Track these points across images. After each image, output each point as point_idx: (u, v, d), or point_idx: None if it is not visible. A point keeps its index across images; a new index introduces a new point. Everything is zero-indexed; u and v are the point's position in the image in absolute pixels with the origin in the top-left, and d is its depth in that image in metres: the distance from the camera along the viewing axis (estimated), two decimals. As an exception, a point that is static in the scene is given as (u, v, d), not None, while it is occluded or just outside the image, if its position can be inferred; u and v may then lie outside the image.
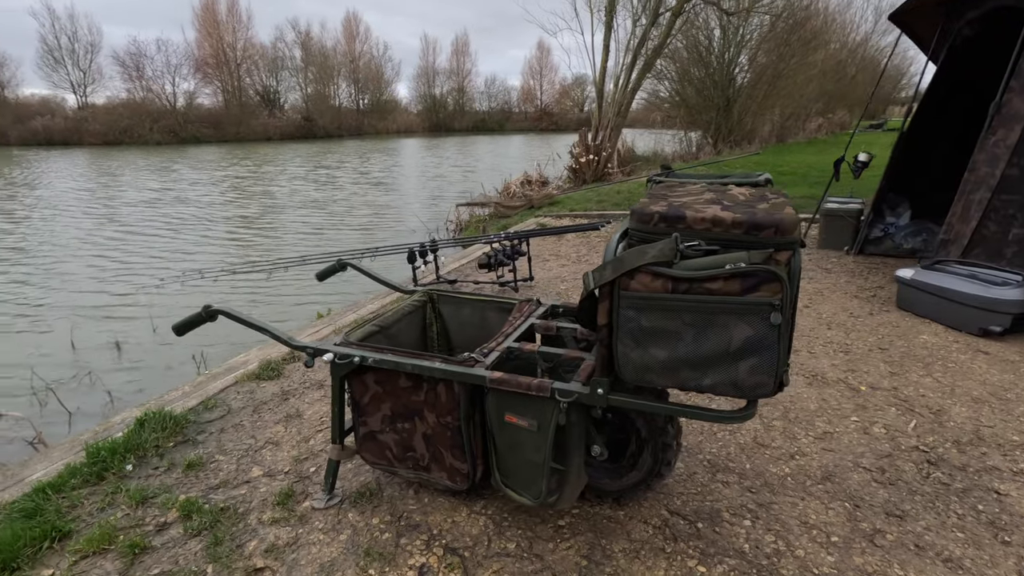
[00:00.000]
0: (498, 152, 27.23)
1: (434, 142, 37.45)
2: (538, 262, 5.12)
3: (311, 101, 47.82)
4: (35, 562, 1.75)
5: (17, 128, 35.40)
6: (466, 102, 60.45)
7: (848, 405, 2.49)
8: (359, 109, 53.68)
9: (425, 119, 56.11)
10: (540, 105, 61.91)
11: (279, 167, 20.63)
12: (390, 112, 54.68)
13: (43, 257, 8.06)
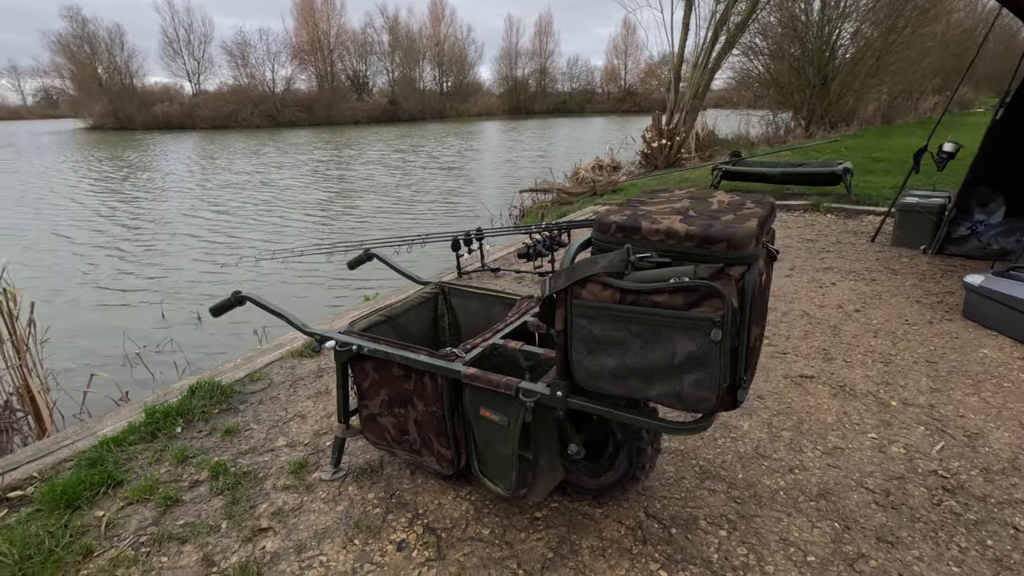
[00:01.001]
0: (575, 135, 26.89)
1: (513, 124, 37.53)
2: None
3: (397, 85, 49.37)
4: (92, 504, 2.07)
5: (142, 113, 39.39)
6: (547, 83, 59.95)
7: (871, 420, 2.35)
8: (442, 92, 54.77)
9: (506, 101, 56.31)
10: (623, 85, 60.18)
11: (358, 151, 21.60)
12: (472, 95, 55.38)
13: (144, 234, 9.04)
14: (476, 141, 24.73)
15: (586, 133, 27.82)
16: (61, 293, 6.28)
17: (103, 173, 16.94)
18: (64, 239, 8.76)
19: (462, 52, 55.76)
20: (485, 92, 58.40)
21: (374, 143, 24.68)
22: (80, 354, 4.65)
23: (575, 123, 38.15)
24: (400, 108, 45.96)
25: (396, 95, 47.55)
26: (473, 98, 54.35)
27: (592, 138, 24.10)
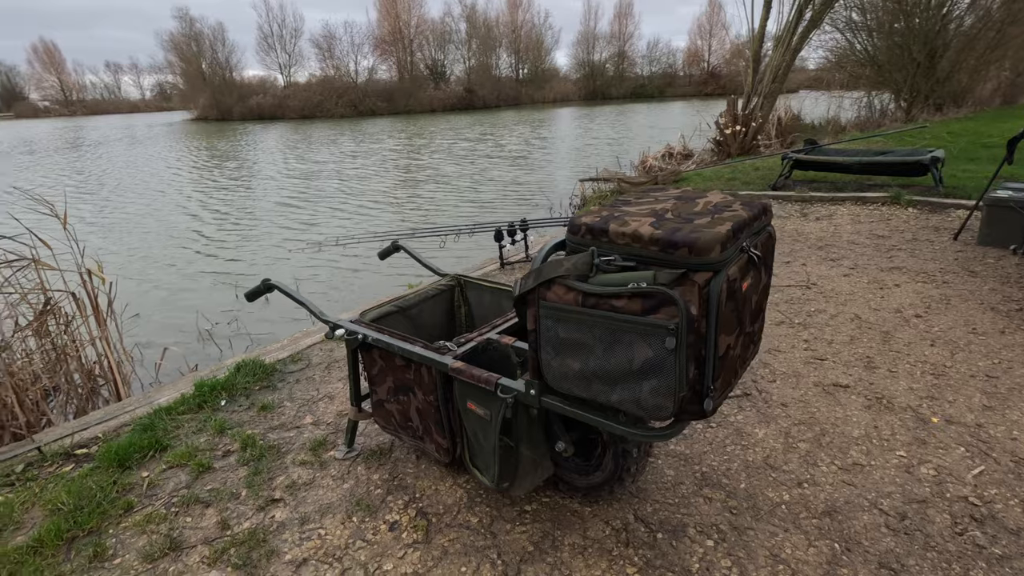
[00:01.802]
0: (652, 121, 26.07)
1: (588, 111, 36.93)
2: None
3: (473, 73, 49.88)
4: (139, 465, 2.33)
5: (239, 105, 42.35)
6: (626, 67, 58.33)
7: (903, 437, 2.17)
8: (518, 79, 54.75)
9: (582, 87, 55.45)
10: (706, 67, 57.43)
11: (428, 140, 22.10)
12: (547, 81, 54.95)
13: (225, 220, 9.78)
14: (547, 129, 24.59)
15: (664, 119, 26.88)
16: (147, 274, 6.96)
17: (196, 162, 18.44)
18: (155, 224, 9.66)
19: (539, 38, 55.36)
20: (561, 78, 57.75)
21: (445, 132, 25.16)
22: (159, 329, 5.16)
23: (653, 108, 36.94)
24: (476, 96, 46.47)
25: (472, 83, 48.09)
26: (548, 84, 53.92)
27: (669, 124, 23.25)
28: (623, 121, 26.93)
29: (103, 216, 10.43)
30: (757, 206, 1.46)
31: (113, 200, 12.03)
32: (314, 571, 1.73)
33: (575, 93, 54.55)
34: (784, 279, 3.90)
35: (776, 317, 3.30)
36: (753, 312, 1.48)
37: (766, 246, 1.51)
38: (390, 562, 1.74)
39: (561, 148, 17.59)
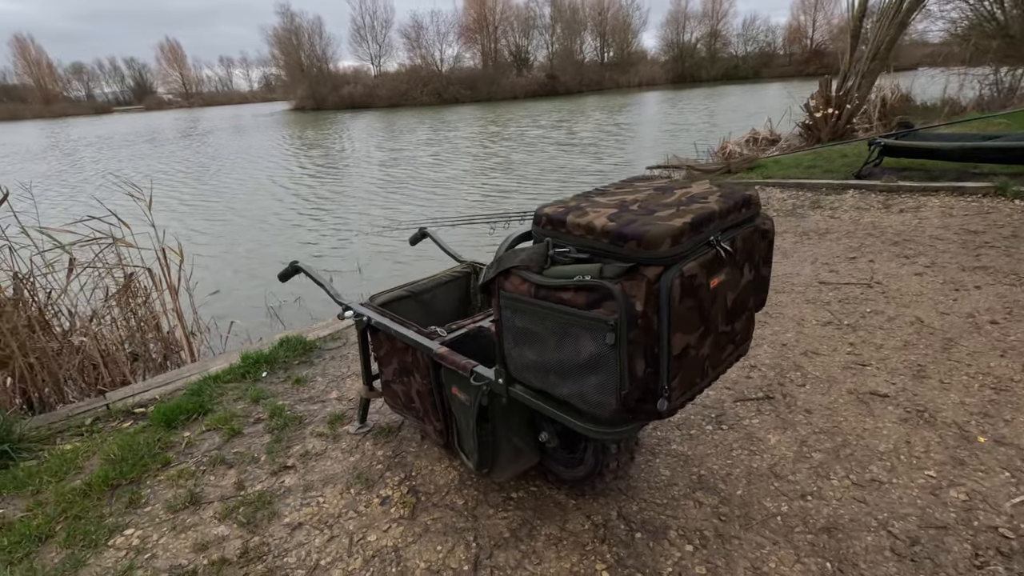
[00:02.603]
0: (741, 104, 24.63)
1: (674, 95, 35.49)
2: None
3: (556, 58, 49.37)
4: (184, 426, 2.58)
5: (333, 95, 44.67)
6: (719, 48, 55.33)
7: (938, 455, 1.96)
8: (603, 63, 53.58)
9: (670, 69, 53.32)
10: (809, 45, 53.22)
11: (502, 127, 22.18)
12: (633, 64, 53.32)
13: (304, 206, 10.40)
14: (626, 114, 23.91)
15: (756, 101, 25.26)
16: (230, 253, 7.57)
17: (286, 150, 19.70)
18: (242, 207, 10.46)
19: (625, 20, 53.74)
20: (648, 61, 55.81)
21: (521, 119, 25.14)
22: (235, 305, 5.62)
23: (746, 91, 34.84)
24: (558, 82, 46.02)
25: (554, 69, 47.64)
26: (634, 68, 52.29)
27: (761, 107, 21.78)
28: (709, 105, 25.62)
29: (200, 199, 11.46)
30: (735, 198, 1.37)
31: (210, 185, 13.17)
32: (306, 535, 1.86)
33: (662, 76, 52.52)
34: (843, 276, 3.59)
35: (823, 317, 3.06)
36: (729, 311, 1.40)
37: (749, 241, 1.41)
38: (374, 534, 1.83)
39: (636, 134, 17.06)
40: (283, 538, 1.85)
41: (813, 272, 3.72)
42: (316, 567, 1.72)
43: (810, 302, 3.26)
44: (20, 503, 2.13)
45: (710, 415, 2.28)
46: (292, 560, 1.76)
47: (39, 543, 1.91)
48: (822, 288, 3.45)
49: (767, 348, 2.78)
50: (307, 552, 1.78)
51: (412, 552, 1.75)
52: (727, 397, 2.39)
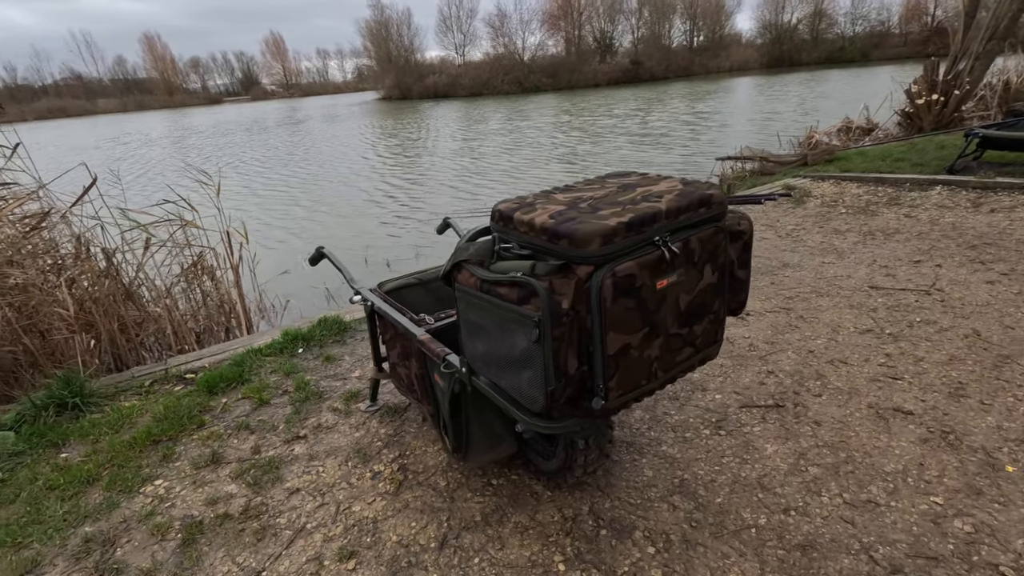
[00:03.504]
0: (842, 90, 22.77)
1: (767, 80, 33.40)
2: (734, 232, 4.60)
3: (641, 44, 47.87)
4: (223, 392, 2.85)
5: (418, 85, 45.96)
6: (823, 28, 51.26)
7: (952, 482, 1.79)
8: (691, 48, 51.32)
9: (765, 53, 50.15)
10: (930, 23, 48.02)
11: (573, 117, 21.86)
12: (724, 48, 50.63)
13: (373, 193, 10.85)
14: (708, 102, 22.81)
15: (861, 86, 23.21)
16: (294, 238, 8.08)
17: (364, 139, 20.55)
18: (319, 193, 11.09)
19: (719, 1, 50.99)
20: (743, 44, 52.76)
21: (596, 108, 24.66)
22: (298, 285, 6.03)
23: (852, 75, 32.11)
24: (642, 68, 44.64)
25: (639, 55, 46.22)
26: (725, 52, 49.62)
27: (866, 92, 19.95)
28: (803, 92, 23.85)
29: (282, 184, 12.28)
30: (690, 197, 1.33)
31: (291, 171, 14.06)
32: (300, 499, 2.01)
33: (756, 60, 49.47)
34: (900, 281, 3.30)
35: (863, 324, 2.84)
36: (684, 313, 1.36)
37: (710, 242, 1.36)
38: (359, 505, 1.96)
39: (716, 124, 16.25)
40: (280, 500, 2.02)
41: (867, 275, 3.44)
42: (302, 529, 1.87)
43: (853, 307, 3.04)
44: (81, 449, 2.46)
45: (710, 419, 2.21)
46: (283, 521, 1.92)
47: (88, 484, 2.21)
48: (872, 293, 3.19)
49: (791, 354, 2.63)
50: (298, 515, 1.94)
51: (388, 525, 1.85)
52: (733, 402, 2.31)
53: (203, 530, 1.91)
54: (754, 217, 5.01)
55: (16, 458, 2.43)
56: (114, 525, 1.98)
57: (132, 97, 75.55)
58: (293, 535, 1.85)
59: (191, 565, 1.77)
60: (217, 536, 1.88)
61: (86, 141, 27.38)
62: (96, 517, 2.02)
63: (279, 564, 1.74)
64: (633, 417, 2.27)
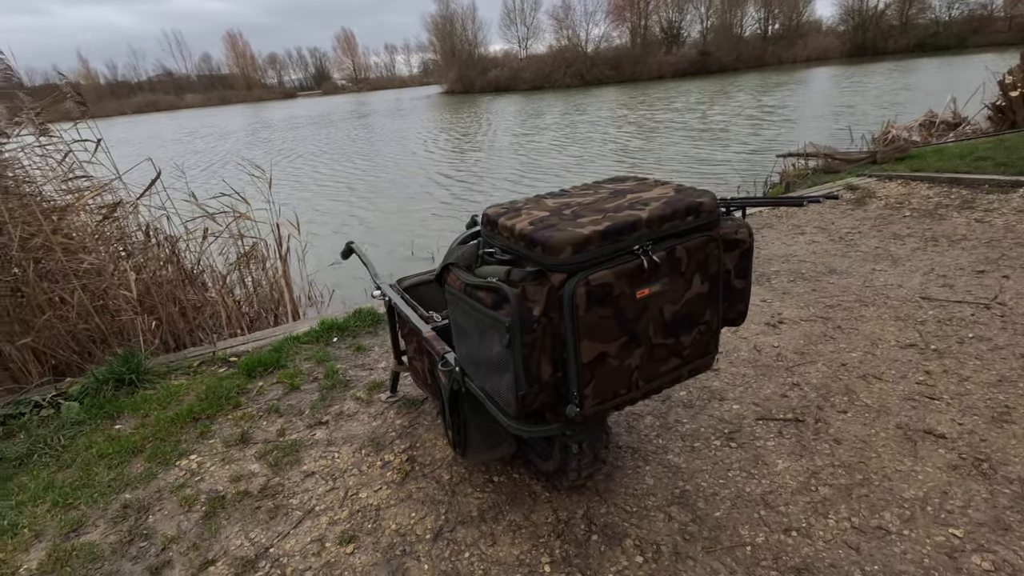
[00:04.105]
0: (930, 81, 21.11)
1: (848, 70, 31.39)
2: (778, 234, 4.40)
3: (710, 33, 46.12)
4: (260, 376, 3.03)
5: (480, 79, 46.31)
6: (914, 13, 47.52)
7: (978, 514, 1.66)
8: (765, 36, 48.94)
9: (847, 41, 47.11)
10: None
11: (631, 111, 21.35)
12: (801, 37, 47.94)
13: (423, 188, 11.06)
14: (778, 95, 21.69)
15: (953, 76, 21.41)
16: (346, 228, 8.37)
17: (420, 133, 20.90)
18: (374, 187, 11.43)
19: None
20: (823, 32, 49.79)
21: (655, 101, 23.97)
22: (347, 276, 6.27)
23: (944, 64, 29.64)
24: (710, 59, 43.00)
25: (708, 45, 44.55)
26: (802, 41, 46.97)
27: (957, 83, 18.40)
28: (884, 83, 22.23)
29: (343, 176, 12.76)
30: (677, 206, 1.30)
31: (353, 164, 14.56)
32: (314, 483, 2.13)
33: (836, 49, 46.54)
34: (957, 292, 3.06)
35: (907, 338, 2.66)
36: (669, 323, 1.34)
37: (700, 251, 1.33)
38: (366, 492, 2.05)
39: (782, 118, 15.45)
40: (296, 482, 2.14)
41: (921, 285, 3.21)
42: (311, 511, 1.98)
43: (900, 319, 2.84)
44: (132, 422, 2.70)
45: (723, 430, 2.15)
46: (295, 502, 2.03)
47: (133, 455, 2.42)
48: (923, 305, 2.97)
49: (821, 366, 2.50)
50: (309, 497, 2.05)
51: (390, 514, 1.92)
52: (750, 413, 2.23)
53: (224, 505, 2.05)
54: (806, 219, 4.76)
55: (77, 427, 2.68)
56: (150, 494, 2.16)
57: (215, 92, 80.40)
58: (302, 516, 1.96)
59: (209, 536, 1.91)
60: (236, 511, 2.02)
61: (170, 134, 29.42)
62: (135, 485, 2.21)
63: (286, 542, 1.85)
64: (643, 424, 2.24)
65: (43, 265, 3.60)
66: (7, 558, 1.91)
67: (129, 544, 1.92)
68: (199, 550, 1.85)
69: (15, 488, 2.26)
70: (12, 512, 2.11)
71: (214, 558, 1.81)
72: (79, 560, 1.86)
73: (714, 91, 26.09)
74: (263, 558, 1.79)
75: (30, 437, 2.61)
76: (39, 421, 2.78)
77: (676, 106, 21.38)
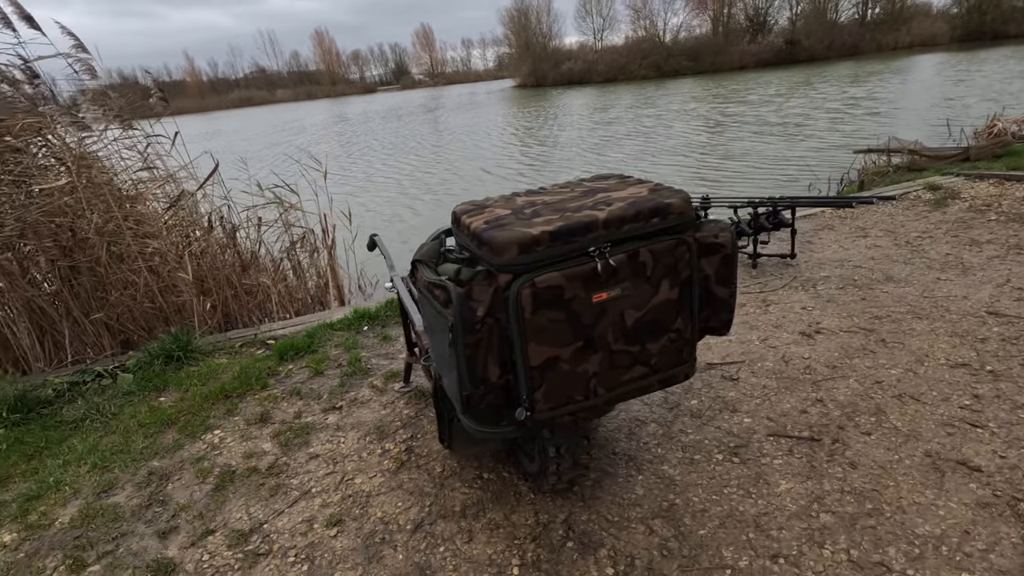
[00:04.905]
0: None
1: (955, 58, 28.54)
2: (837, 236, 4.08)
3: (800, 20, 43.30)
4: (291, 360, 3.19)
5: (553, 72, 46.02)
6: (1044, -9, 42.24)
7: (1002, 560, 1.47)
8: (863, 22, 45.33)
9: (958, 25, 42.69)
10: None
11: (701, 103, 20.40)
12: (905, 21, 43.96)
13: (482, 183, 11.13)
14: (870, 86, 20.02)
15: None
16: (397, 222, 8.57)
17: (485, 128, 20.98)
18: (422, 181, 11.64)
19: (902, -33, 44.22)
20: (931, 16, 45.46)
21: (729, 94, 22.76)
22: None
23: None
24: (798, 48, 40.37)
25: (796, 33, 41.86)
26: (906, 26, 43.07)
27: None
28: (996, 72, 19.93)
29: (407, 167, 13.11)
30: (640, 207, 1.24)
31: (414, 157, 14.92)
32: (316, 465, 2.21)
33: (946, 35, 42.30)
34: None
35: (960, 356, 2.39)
36: (633, 330, 1.28)
37: (668, 255, 1.26)
38: (361, 478, 2.10)
39: (869, 111, 14.25)
40: (300, 463, 2.24)
41: (990, 298, 2.88)
42: (307, 492, 2.06)
43: (956, 335, 2.56)
44: (174, 395, 2.92)
45: (729, 444, 2.03)
46: (296, 482, 2.13)
47: (167, 426, 2.62)
48: (987, 320, 2.66)
49: (853, 382, 2.30)
50: (309, 479, 2.14)
51: (378, 502, 1.97)
52: (762, 428, 2.09)
53: (234, 479, 2.18)
54: (874, 221, 4.39)
55: (127, 397, 2.94)
56: (174, 463, 2.33)
57: (303, 88, 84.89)
58: (299, 496, 2.04)
59: (215, 508, 2.04)
60: (242, 486, 2.14)
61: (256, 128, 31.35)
62: (163, 455, 2.39)
63: (279, 520, 1.94)
64: (645, 431, 2.16)
65: (115, 248, 3.95)
66: (48, 511, 2.12)
67: (147, 508, 2.08)
68: (203, 519, 1.98)
69: (65, 449, 2.51)
70: (59, 470, 2.35)
71: (214, 528, 1.93)
72: (103, 519, 2.04)
73: (797, 82, 24.51)
74: (256, 532, 1.89)
75: (87, 403, 2.88)
76: (98, 389, 3.06)
77: (751, 98, 20.26)
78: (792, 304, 3.07)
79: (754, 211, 3.58)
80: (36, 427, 2.74)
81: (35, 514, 2.10)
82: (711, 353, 2.66)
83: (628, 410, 2.27)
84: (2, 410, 2.82)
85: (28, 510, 2.13)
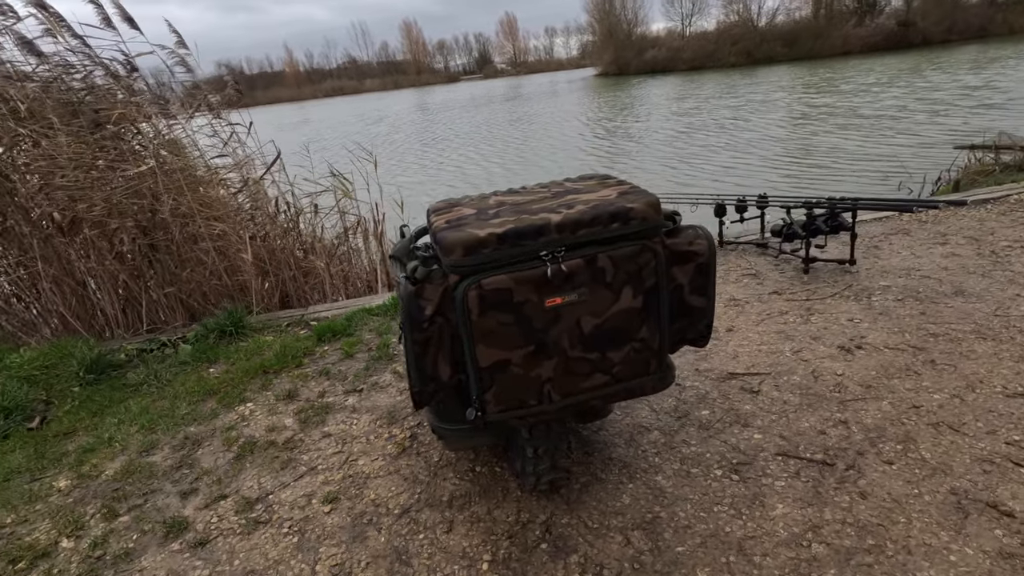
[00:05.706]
0: None
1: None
2: (910, 242, 3.71)
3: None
4: (328, 341, 3.36)
5: (636, 60, 44.74)
6: None
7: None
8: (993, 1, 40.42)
9: (1116, 1, 37.01)
10: None
11: (788, 92, 19.03)
12: (1047, -2, 38.66)
13: (550, 171, 11.03)
14: (986, 74, 17.77)
15: None
16: None
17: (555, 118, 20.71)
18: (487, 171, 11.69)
19: (1047, -64, 38.83)
20: (1080, -9, 39.68)
21: (819, 83, 21.02)
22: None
23: None
24: (913, 31, 36.68)
25: (912, 14, 38.02)
26: (1047, 4, 37.87)
27: None
28: None
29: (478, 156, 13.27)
30: (599, 211, 1.20)
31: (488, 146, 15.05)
32: (326, 444, 2.33)
33: (1098, 13, 36.81)
34: None
35: (1009, 383, 2.12)
36: (590, 337, 1.25)
37: (631, 261, 1.22)
38: (363, 460, 2.20)
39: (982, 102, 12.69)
40: (313, 441, 2.37)
41: (1077, 320, 2.52)
42: (313, 469, 2.18)
43: (1020, 360, 2.27)
44: (221, 367, 3.17)
45: (731, 460, 1.93)
46: (305, 458, 2.25)
47: (209, 396, 2.85)
48: (1066, 346, 2.34)
49: (886, 405, 2.11)
50: (317, 456, 2.26)
51: (374, 485, 2.05)
52: (772, 447, 1.97)
53: (253, 450, 2.35)
54: (958, 227, 3.95)
55: (183, 366, 3.22)
56: (207, 430, 2.54)
57: (390, 77, 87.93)
58: (305, 471, 2.17)
59: (232, 475, 2.20)
60: (258, 458, 2.29)
61: (342, 117, 32.84)
62: (200, 422, 2.61)
63: (283, 492, 2.06)
64: (646, 439, 2.09)
65: (188, 229, 4.32)
66: (98, 463, 2.38)
67: (177, 469, 2.29)
68: (220, 485, 2.15)
69: (123, 409, 2.80)
70: (114, 428, 2.63)
71: (227, 494, 2.09)
72: (140, 475, 2.27)
73: (903, 69, 22.31)
74: (261, 502, 2.03)
75: (148, 370, 3.19)
76: (160, 357, 3.38)
77: (844, 88, 18.67)
78: (838, 315, 2.85)
79: (808, 212, 3.34)
80: (106, 387, 3.07)
81: (88, 465, 2.37)
82: (735, 363, 2.52)
83: (633, 416, 2.21)
84: (80, 370, 3.19)
85: (83, 461, 2.40)
